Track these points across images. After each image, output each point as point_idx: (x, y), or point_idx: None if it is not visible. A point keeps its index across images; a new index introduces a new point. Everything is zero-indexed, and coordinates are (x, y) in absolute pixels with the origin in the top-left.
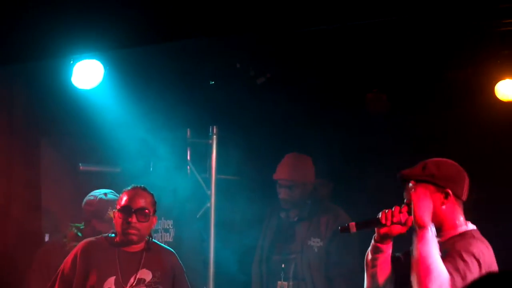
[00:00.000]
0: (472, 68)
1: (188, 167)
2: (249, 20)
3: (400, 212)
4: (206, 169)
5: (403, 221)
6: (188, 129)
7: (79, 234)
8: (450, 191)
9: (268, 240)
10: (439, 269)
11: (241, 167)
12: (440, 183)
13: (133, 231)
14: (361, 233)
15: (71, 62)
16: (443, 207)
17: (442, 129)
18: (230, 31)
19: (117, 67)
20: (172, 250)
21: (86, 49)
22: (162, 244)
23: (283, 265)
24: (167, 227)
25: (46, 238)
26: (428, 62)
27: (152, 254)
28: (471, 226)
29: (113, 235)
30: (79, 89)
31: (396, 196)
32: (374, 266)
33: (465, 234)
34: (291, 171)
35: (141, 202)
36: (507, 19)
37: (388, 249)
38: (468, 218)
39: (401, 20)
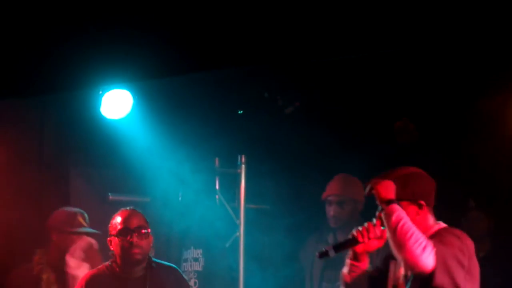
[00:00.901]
0: (503, 97)
1: (217, 196)
2: (278, 49)
3: (374, 225)
4: (235, 198)
5: (378, 234)
6: (217, 158)
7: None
8: (423, 203)
9: (317, 268)
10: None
11: (269, 196)
12: (416, 199)
13: (136, 250)
14: None
15: (100, 92)
16: (418, 217)
17: (472, 159)
18: (258, 61)
19: (146, 97)
20: (174, 266)
21: (115, 80)
22: (163, 262)
23: None
24: (197, 257)
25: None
26: (458, 91)
27: (155, 276)
28: (443, 224)
29: (110, 263)
30: (108, 119)
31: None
32: (352, 284)
33: (439, 231)
34: (341, 187)
35: (137, 222)
36: None
37: (364, 265)
38: None
39: (431, 48)
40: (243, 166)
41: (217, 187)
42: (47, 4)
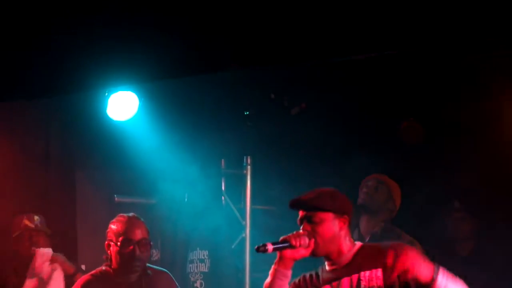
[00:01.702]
0: (507, 97)
1: (223, 197)
2: (283, 50)
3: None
4: (241, 199)
5: (307, 243)
6: (223, 160)
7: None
8: (347, 219)
9: None
10: None
11: (275, 197)
12: (342, 213)
13: (138, 263)
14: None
15: (106, 94)
16: (341, 231)
17: (478, 160)
18: (264, 62)
19: (152, 98)
20: (166, 270)
21: (121, 81)
22: (155, 267)
23: None
24: (203, 258)
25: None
26: (464, 92)
27: (150, 279)
28: (359, 243)
29: (105, 267)
30: (114, 120)
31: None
32: None
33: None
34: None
35: (141, 233)
36: None
37: (290, 274)
38: None
39: (437, 49)
40: (249, 167)
41: (223, 188)
42: (53, 5)
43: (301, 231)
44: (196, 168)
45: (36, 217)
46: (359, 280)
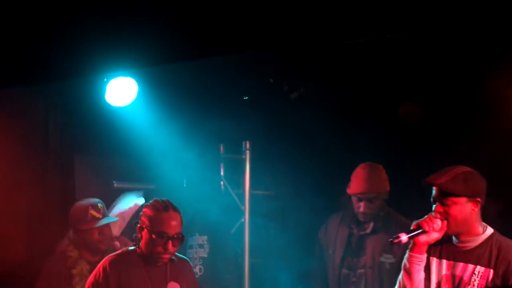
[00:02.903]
0: (506, 79)
1: (222, 182)
2: (282, 35)
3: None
4: (240, 184)
5: (440, 226)
6: (222, 145)
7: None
8: (480, 200)
9: (337, 254)
10: None
11: (274, 182)
12: (475, 196)
13: (167, 256)
14: None
15: (105, 80)
16: (473, 213)
17: (475, 141)
18: (263, 47)
19: (151, 84)
20: (186, 258)
21: (120, 67)
22: (178, 254)
23: (353, 279)
24: (202, 243)
25: None
26: (461, 74)
27: (175, 265)
28: (491, 229)
29: (132, 248)
30: (113, 106)
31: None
32: (416, 275)
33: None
34: (370, 183)
35: (176, 227)
36: None
37: (425, 257)
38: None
39: (435, 32)
40: (248, 152)
41: (222, 173)
42: None
43: (433, 213)
44: (195, 153)
45: (99, 205)
46: (473, 272)
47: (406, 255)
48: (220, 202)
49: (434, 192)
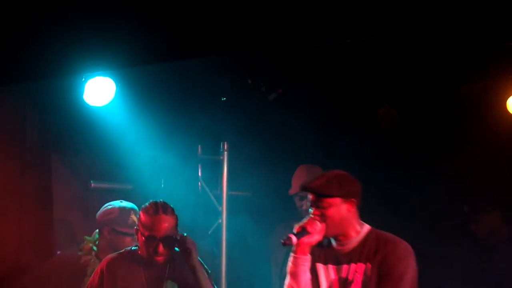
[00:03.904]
0: (484, 83)
1: (199, 183)
2: (260, 36)
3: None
4: (217, 185)
5: (320, 228)
6: (199, 146)
7: (94, 248)
8: (355, 201)
9: (281, 251)
10: None
11: (252, 183)
12: (350, 197)
13: (159, 258)
14: None
15: (83, 79)
16: (349, 214)
17: (453, 144)
18: (241, 48)
19: (129, 84)
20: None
21: (98, 67)
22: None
23: None
24: None
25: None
26: (439, 77)
27: (175, 265)
28: (368, 226)
29: (135, 247)
30: (91, 106)
31: (410, 208)
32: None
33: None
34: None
35: (166, 230)
36: None
37: (309, 258)
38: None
39: (413, 35)
40: (225, 153)
41: (199, 174)
42: None
43: (311, 216)
44: (173, 154)
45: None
46: (355, 271)
47: (290, 259)
48: (197, 203)
49: (309, 196)
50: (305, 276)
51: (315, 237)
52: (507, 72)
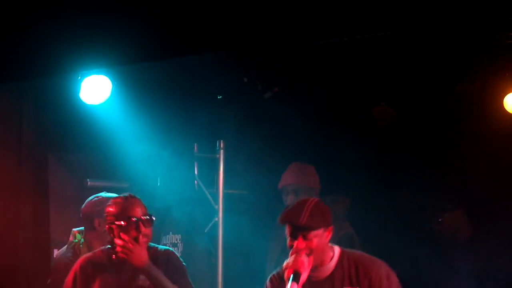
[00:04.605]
0: (481, 81)
1: (196, 181)
2: (256, 34)
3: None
4: (214, 183)
5: (308, 262)
6: (196, 144)
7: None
8: (332, 227)
9: (276, 250)
10: None
11: (248, 181)
12: (329, 225)
13: (144, 239)
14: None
15: (79, 77)
16: (326, 241)
17: (450, 143)
18: (237, 46)
19: (125, 82)
20: (170, 249)
21: (94, 65)
22: (159, 246)
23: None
24: (175, 242)
25: (55, 253)
26: (436, 75)
27: (155, 258)
28: (338, 248)
29: (109, 246)
30: (87, 104)
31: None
32: None
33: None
34: (296, 176)
35: (140, 210)
36: None
37: None
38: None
39: (409, 33)
40: (221, 151)
41: (196, 172)
42: None
43: (295, 252)
44: (169, 152)
45: None
46: None
47: None
48: (194, 201)
49: (290, 230)
50: None
51: (306, 275)
52: (504, 70)
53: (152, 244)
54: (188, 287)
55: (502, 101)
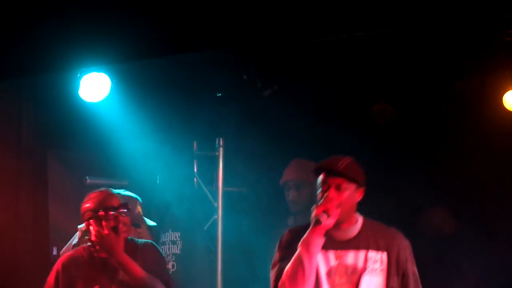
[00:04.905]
0: (480, 79)
1: (195, 179)
2: (256, 32)
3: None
4: (213, 181)
5: (336, 213)
6: (195, 142)
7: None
8: (363, 191)
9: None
10: None
11: (247, 179)
12: (362, 185)
13: (124, 229)
14: None
15: (78, 75)
16: (356, 201)
17: (449, 140)
18: (237, 43)
19: (124, 80)
20: (151, 241)
21: (93, 63)
22: (138, 240)
23: None
24: (175, 239)
25: (54, 251)
26: (435, 73)
27: (132, 254)
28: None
29: (87, 244)
30: (86, 102)
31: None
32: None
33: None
34: (297, 172)
35: (117, 201)
36: None
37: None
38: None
39: (408, 31)
40: (221, 149)
41: (195, 170)
42: None
43: (327, 200)
44: (168, 150)
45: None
46: (366, 258)
47: (305, 239)
48: (193, 199)
49: (323, 177)
50: (316, 259)
51: (331, 221)
52: (503, 68)
53: (132, 237)
54: (164, 278)
55: (501, 99)
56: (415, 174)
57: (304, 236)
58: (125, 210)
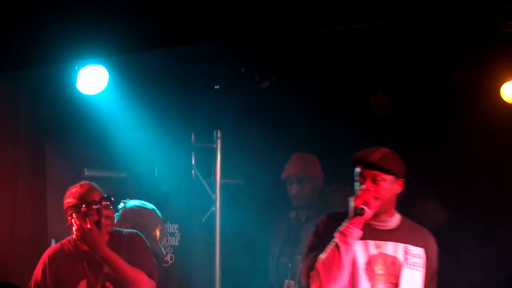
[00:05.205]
0: (478, 70)
1: (193, 171)
2: (254, 24)
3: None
4: (211, 173)
5: (375, 205)
6: (193, 134)
7: None
8: (403, 182)
9: (278, 242)
10: None
11: (245, 171)
12: (401, 177)
13: (107, 222)
14: None
15: (76, 67)
16: (396, 194)
17: (447, 131)
18: (234, 36)
19: (122, 72)
20: (136, 231)
21: (91, 55)
22: (123, 230)
23: (289, 265)
24: (173, 231)
25: (52, 243)
26: (433, 64)
27: (117, 244)
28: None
29: (73, 238)
30: (84, 94)
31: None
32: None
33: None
34: (299, 166)
35: (98, 194)
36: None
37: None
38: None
39: (406, 22)
40: (219, 141)
41: (193, 162)
42: None
43: (364, 192)
44: (166, 142)
45: None
46: (406, 251)
47: (342, 233)
48: (191, 191)
49: (360, 170)
50: (353, 250)
51: (370, 213)
52: (501, 59)
53: (117, 228)
54: (149, 267)
55: (499, 90)
56: (413, 165)
57: (342, 226)
58: (107, 203)
